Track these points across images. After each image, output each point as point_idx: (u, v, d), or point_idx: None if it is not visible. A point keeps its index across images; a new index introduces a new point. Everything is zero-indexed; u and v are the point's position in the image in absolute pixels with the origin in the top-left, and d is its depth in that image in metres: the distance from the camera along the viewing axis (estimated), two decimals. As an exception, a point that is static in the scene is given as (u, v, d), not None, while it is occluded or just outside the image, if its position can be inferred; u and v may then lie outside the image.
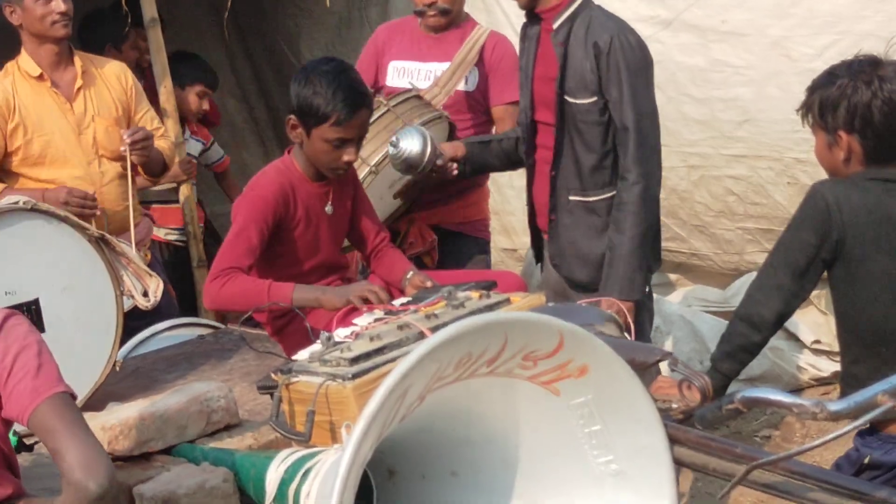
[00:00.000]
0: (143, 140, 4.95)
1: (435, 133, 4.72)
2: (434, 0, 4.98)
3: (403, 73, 5.11)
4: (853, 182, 3.38)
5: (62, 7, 4.81)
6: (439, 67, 5.03)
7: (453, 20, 5.10)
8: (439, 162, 4.53)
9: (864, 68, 3.37)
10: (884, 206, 3.34)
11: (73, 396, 2.54)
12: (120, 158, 5.02)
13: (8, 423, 2.53)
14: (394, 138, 4.50)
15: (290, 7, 7.39)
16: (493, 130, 5.10)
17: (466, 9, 5.31)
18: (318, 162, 4.10)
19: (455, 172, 4.64)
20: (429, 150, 4.41)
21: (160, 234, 6.25)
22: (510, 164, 4.89)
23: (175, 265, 6.21)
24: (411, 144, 4.48)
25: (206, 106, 6.50)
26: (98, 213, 4.76)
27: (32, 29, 4.84)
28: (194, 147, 6.51)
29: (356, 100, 4.02)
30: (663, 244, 5.99)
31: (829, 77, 3.42)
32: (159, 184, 5.71)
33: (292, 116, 4.05)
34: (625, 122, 4.24)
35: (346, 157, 4.07)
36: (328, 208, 4.19)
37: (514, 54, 5.07)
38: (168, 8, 5.97)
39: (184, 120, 6.25)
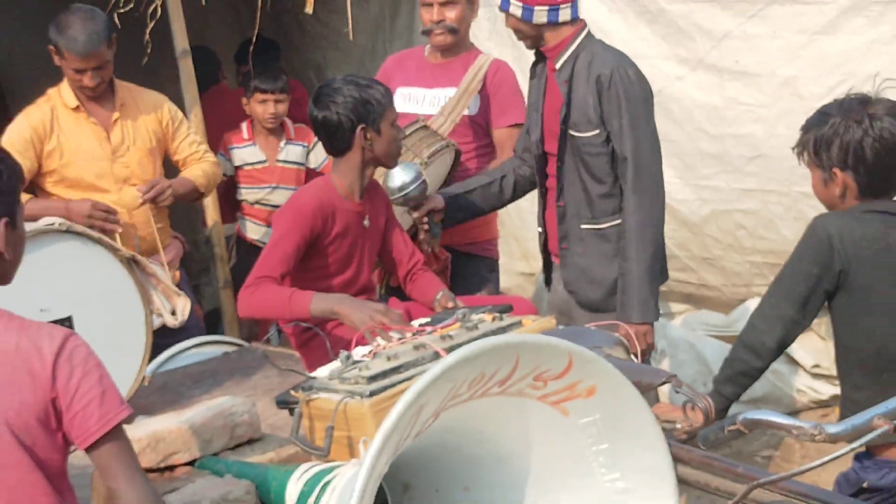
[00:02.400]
0: (157, 196, 4.96)
1: (440, 162, 4.79)
2: (442, 18, 4.99)
3: (409, 99, 5.13)
4: (853, 215, 3.38)
5: (90, 84, 4.87)
6: (443, 93, 5.05)
7: (459, 42, 5.10)
8: (415, 215, 4.60)
9: (855, 107, 3.37)
10: (885, 237, 3.35)
11: (133, 414, 2.54)
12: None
13: (67, 442, 2.53)
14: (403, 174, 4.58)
15: (318, 39, 7.43)
16: (497, 154, 5.10)
17: (494, 44, 5.33)
18: (389, 153, 4.21)
19: (426, 228, 4.65)
20: (413, 185, 4.50)
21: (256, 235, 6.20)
22: (499, 204, 4.92)
23: None
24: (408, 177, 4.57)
25: (270, 110, 6.11)
26: (120, 229, 4.77)
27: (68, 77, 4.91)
28: (295, 153, 6.23)
29: (384, 86, 4.23)
30: (676, 276, 6.03)
31: (822, 117, 3.42)
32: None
33: (361, 127, 4.08)
34: (624, 152, 4.28)
35: (401, 136, 4.30)
36: (366, 223, 4.23)
37: (513, 79, 5.11)
38: (197, 37, 5.99)
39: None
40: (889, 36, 5.71)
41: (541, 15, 4.31)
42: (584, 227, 4.45)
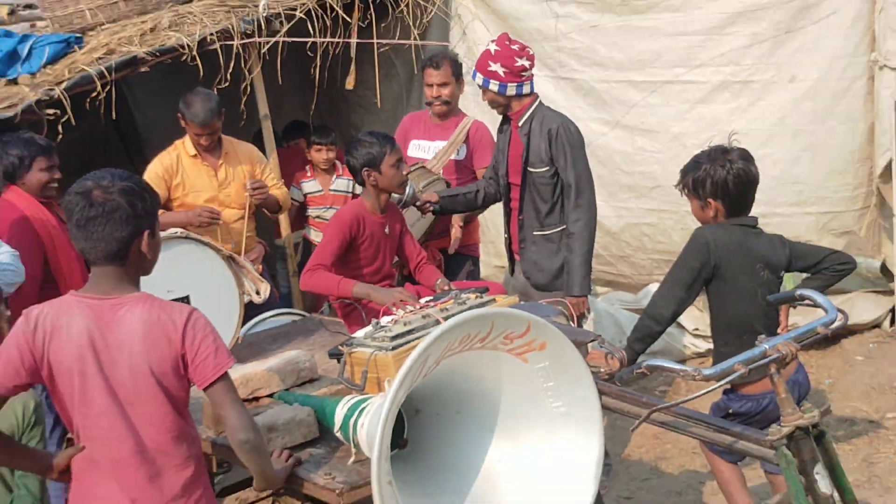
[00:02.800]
0: (260, 188, 4.98)
1: (435, 188, 4.77)
2: (439, 94, 5.00)
3: (419, 148, 5.11)
4: (722, 227, 3.39)
5: (205, 143, 4.89)
6: (441, 144, 5.04)
7: (451, 110, 5.10)
8: (417, 204, 4.59)
9: (718, 155, 3.38)
10: (744, 242, 3.36)
11: (234, 360, 2.56)
12: (243, 208, 5.05)
13: (190, 383, 2.54)
14: None
15: (356, 107, 7.42)
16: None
17: (478, 110, 5.33)
18: (391, 185, 4.12)
19: (430, 209, 4.65)
20: (408, 193, 4.46)
21: (317, 238, 6.08)
22: (471, 209, 4.86)
23: None
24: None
25: (323, 156, 6.02)
26: (221, 222, 4.84)
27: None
28: (342, 184, 6.13)
29: (388, 137, 4.16)
30: (600, 268, 6.03)
31: (695, 164, 3.43)
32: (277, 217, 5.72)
33: (365, 170, 4.07)
34: (570, 180, 4.27)
35: (404, 172, 4.17)
36: (387, 230, 4.21)
37: (489, 134, 5.05)
38: (274, 106, 5.99)
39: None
40: (745, 105, 5.74)
41: (511, 89, 4.32)
42: (535, 233, 4.45)
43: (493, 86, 4.31)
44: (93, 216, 2.40)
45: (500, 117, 4.55)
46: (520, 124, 4.38)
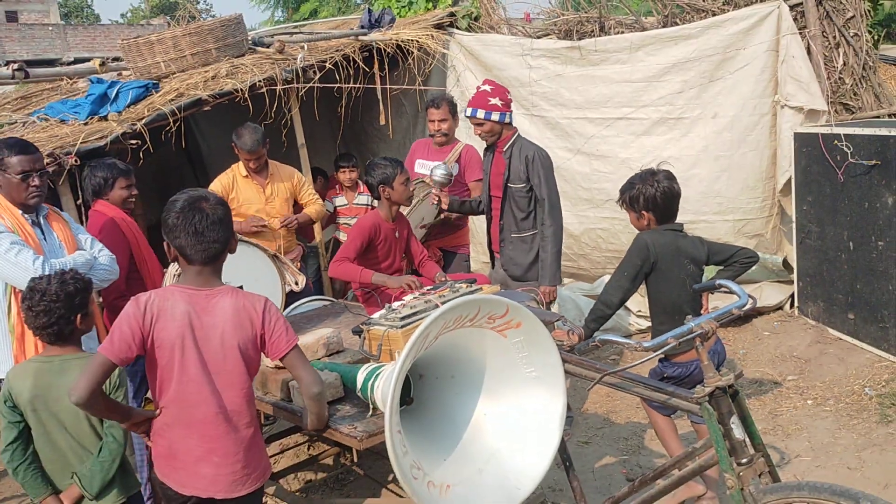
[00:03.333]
0: (287, 223, 4.97)
1: (429, 199, 4.77)
2: (440, 128, 5.00)
3: (423, 167, 5.11)
4: (658, 232, 3.40)
5: (253, 166, 4.85)
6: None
7: (449, 140, 5.11)
8: (434, 191, 4.62)
9: (648, 176, 3.40)
10: (674, 243, 3.36)
11: (297, 337, 2.55)
12: (285, 217, 5.05)
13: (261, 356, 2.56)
14: (441, 167, 4.70)
15: (374, 136, 7.43)
16: (471, 194, 5.11)
17: (469, 139, 5.35)
18: (401, 198, 4.12)
19: (444, 206, 4.70)
20: (453, 174, 4.55)
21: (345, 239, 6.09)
22: (474, 212, 4.86)
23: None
24: (444, 170, 4.64)
25: (348, 176, 6.00)
26: (266, 228, 4.84)
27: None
28: (363, 199, 6.12)
29: (398, 161, 4.13)
30: (564, 263, 6.03)
31: (630, 184, 3.44)
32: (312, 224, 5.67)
33: (381, 186, 4.08)
34: (542, 195, 4.27)
35: (409, 188, 4.16)
36: (396, 234, 4.21)
37: (478, 154, 5.06)
38: (309, 136, 5.98)
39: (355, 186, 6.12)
40: (678, 136, 5.73)
41: (507, 117, 4.32)
42: (513, 235, 4.45)
43: (495, 116, 4.30)
44: (209, 224, 2.42)
45: (484, 145, 4.56)
46: (504, 150, 4.38)
